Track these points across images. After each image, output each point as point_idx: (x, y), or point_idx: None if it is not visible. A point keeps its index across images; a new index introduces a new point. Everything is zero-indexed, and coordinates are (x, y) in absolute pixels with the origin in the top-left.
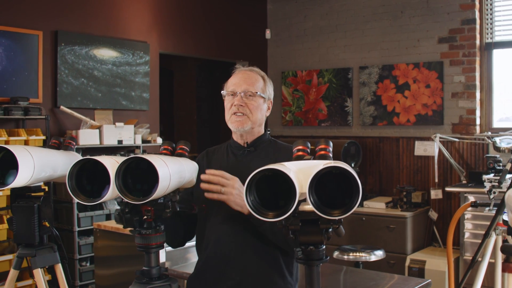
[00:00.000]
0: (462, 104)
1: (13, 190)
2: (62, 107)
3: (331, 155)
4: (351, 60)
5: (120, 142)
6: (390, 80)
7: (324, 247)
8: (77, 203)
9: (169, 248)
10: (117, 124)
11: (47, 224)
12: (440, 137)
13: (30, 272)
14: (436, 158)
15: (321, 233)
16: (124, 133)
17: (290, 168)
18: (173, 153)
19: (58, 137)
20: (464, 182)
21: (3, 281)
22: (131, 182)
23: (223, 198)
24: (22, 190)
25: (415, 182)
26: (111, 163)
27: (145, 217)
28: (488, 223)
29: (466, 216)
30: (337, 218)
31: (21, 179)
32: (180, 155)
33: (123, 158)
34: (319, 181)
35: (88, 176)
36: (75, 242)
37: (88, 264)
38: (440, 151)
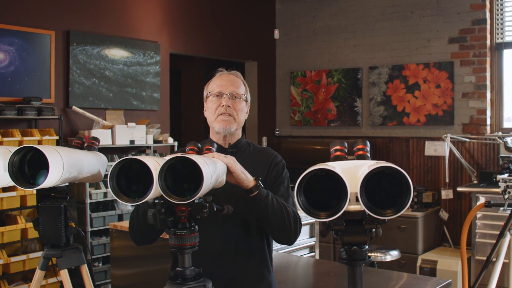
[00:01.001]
0: (473, 104)
1: (39, 190)
2: (74, 107)
3: (369, 154)
4: (360, 60)
5: (132, 142)
6: (400, 80)
7: (367, 247)
8: (90, 203)
9: None
10: (129, 124)
11: (73, 224)
12: (450, 137)
13: (55, 273)
14: (447, 158)
15: (365, 233)
16: (136, 133)
17: (337, 167)
18: (199, 153)
19: (81, 137)
20: (475, 182)
21: (16, 282)
22: (171, 182)
23: (231, 162)
24: (49, 191)
25: (425, 182)
26: (153, 163)
27: (179, 217)
28: (501, 223)
29: (477, 216)
30: (389, 217)
31: (51, 179)
32: None
33: (163, 158)
34: (369, 180)
35: (126, 176)
36: (88, 243)
37: (100, 264)
38: (450, 151)
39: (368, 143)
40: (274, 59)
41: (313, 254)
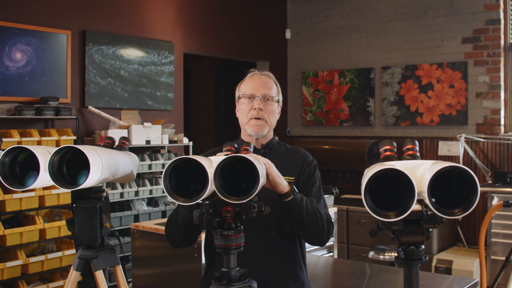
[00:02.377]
0: (487, 104)
1: (74, 191)
2: (90, 107)
3: (418, 154)
4: (373, 60)
5: (148, 142)
6: (414, 80)
7: (423, 247)
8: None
9: None
10: (145, 124)
11: (108, 225)
12: (465, 137)
13: (90, 273)
14: (461, 158)
15: (423, 233)
16: (152, 133)
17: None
18: (236, 153)
19: (111, 137)
20: (489, 182)
21: (35, 282)
22: (222, 182)
23: (271, 165)
24: (85, 191)
25: None
26: (207, 163)
27: (225, 217)
28: None
29: (492, 216)
30: (458, 216)
31: (91, 180)
32: None
33: (216, 157)
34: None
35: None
36: (105, 243)
37: None
38: (465, 151)
39: (417, 143)
40: (285, 59)
41: (331, 254)
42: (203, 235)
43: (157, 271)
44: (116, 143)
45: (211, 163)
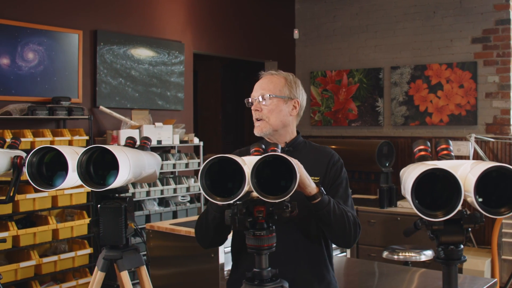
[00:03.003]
0: (496, 104)
1: (99, 191)
2: (101, 107)
3: (452, 154)
4: (382, 60)
5: (159, 142)
6: (423, 80)
7: (462, 247)
8: None
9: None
10: (156, 124)
11: (132, 225)
12: (475, 137)
13: (113, 274)
14: (471, 157)
15: (463, 233)
16: (163, 133)
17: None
18: (263, 154)
19: (133, 137)
20: None
21: (47, 283)
22: (257, 181)
23: (301, 167)
24: (109, 191)
25: None
26: (243, 162)
27: (257, 217)
28: None
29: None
30: (504, 216)
31: (120, 180)
32: None
33: (249, 157)
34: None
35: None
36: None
37: None
38: (474, 151)
39: (451, 143)
40: (293, 59)
41: (344, 254)
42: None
43: (173, 271)
44: (138, 143)
45: (245, 162)
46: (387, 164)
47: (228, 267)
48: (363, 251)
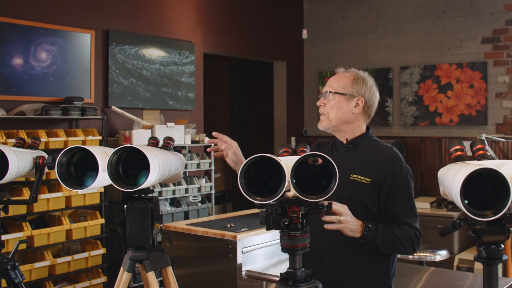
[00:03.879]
0: (507, 104)
1: (124, 191)
2: (113, 107)
3: (488, 153)
4: (391, 60)
5: None
6: (433, 80)
7: (503, 246)
8: None
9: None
10: (168, 124)
11: (158, 225)
12: (485, 137)
13: (135, 277)
14: None
15: (504, 232)
16: (175, 133)
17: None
18: (292, 154)
19: (155, 137)
20: None
21: (62, 282)
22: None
23: (340, 227)
24: (137, 192)
25: None
26: (284, 161)
27: (291, 218)
28: None
29: None
30: None
31: (150, 180)
32: None
33: (285, 157)
34: None
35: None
36: None
37: None
38: None
39: (486, 142)
40: (302, 59)
41: None
42: (238, 236)
43: (190, 271)
44: (160, 143)
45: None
46: None
47: (245, 267)
48: None
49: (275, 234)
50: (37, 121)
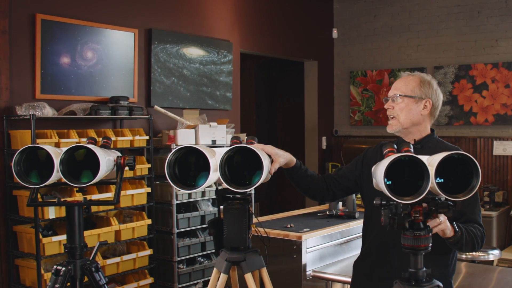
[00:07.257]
0: None
1: (219, 192)
2: (156, 106)
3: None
4: (424, 60)
5: (214, 142)
6: (467, 80)
7: None
8: (176, 204)
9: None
10: (211, 124)
11: (253, 226)
12: None
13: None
14: None
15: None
16: (218, 133)
17: None
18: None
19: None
20: None
21: (111, 284)
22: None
23: (443, 227)
24: (231, 192)
25: (494, 182)
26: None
27: (415, 217)
28: None
29: None
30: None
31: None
32: None
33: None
34: None
35: None
36: (174, 244)
37: (185, 266)
38: None
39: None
40: (332, 59)
41: None
42: (303, 236)
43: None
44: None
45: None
46: None
47: (310, 267)
48: None
49: (334, 234)
50: (85, 121)
